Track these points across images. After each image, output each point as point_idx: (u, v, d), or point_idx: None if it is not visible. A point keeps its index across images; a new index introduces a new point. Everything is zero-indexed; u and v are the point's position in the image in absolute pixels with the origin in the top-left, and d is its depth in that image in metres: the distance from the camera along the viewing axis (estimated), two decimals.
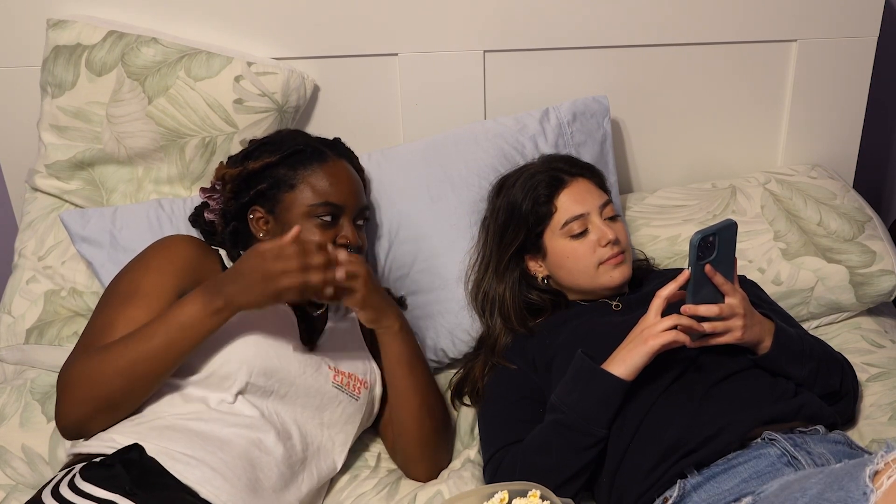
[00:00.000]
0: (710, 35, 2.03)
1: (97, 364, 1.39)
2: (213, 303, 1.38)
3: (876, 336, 1.85)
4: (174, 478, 1.33)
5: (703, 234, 1.37)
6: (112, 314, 1.46)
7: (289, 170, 1.59)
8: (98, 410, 1.40)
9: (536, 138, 1.90)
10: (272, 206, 1.59)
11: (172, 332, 1.38)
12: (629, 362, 1.41)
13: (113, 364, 1.38)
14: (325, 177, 1.59)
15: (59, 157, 1.89)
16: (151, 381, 1.40)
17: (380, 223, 1.82)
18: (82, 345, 1.45)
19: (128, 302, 1.46)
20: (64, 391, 1.41)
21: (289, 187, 1.59)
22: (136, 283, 1.49)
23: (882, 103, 2.33)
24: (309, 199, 1.57)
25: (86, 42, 1.85)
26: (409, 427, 1.58)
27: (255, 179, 1.61)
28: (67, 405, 1.40)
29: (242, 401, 1.45)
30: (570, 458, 1.43)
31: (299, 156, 1.60)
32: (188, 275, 1.50)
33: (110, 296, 1.50)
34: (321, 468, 1.53)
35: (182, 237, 1.58)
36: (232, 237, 1.63)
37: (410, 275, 1.82)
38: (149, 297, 1.46)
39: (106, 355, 1.39)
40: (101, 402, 1.39)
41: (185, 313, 1.38)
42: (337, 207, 1.58)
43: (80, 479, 1.29)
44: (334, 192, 1.58)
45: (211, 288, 1.39)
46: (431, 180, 1.84)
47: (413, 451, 1.60)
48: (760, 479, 1.34)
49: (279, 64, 1.90)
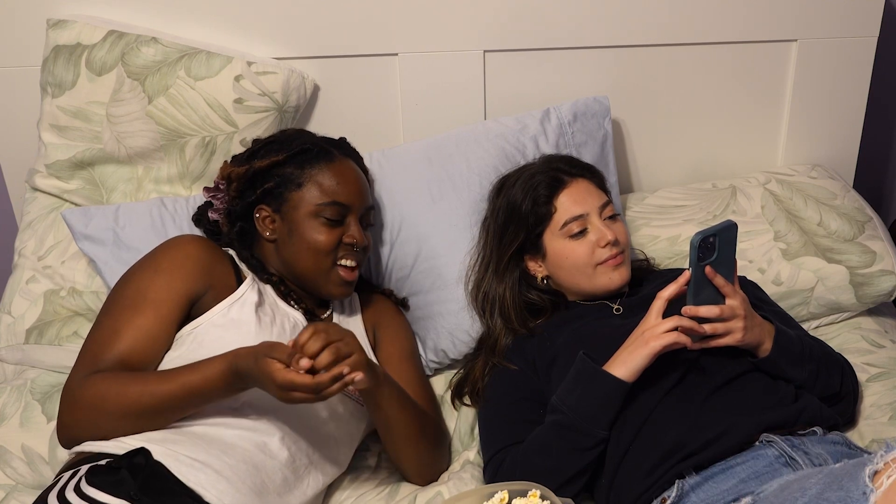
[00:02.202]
0: (710, 35, 2.03)
1: (105, 396, 1.37)
2: (236, 385, 1.36)
3: (876, 336, 1.85)
4: (180, 483, 1.32)
5: (704, 234, 1.37)
6: (118, 321, 1.45)
7: (296, 168, 1.59)
8: (100, 435, 1.39)
9: (537, 138, 1.90)
10: (279, 204, 1.59)
11: (187, 392, 1.36)
12: (630, 364, 1.41)
13: (121, 403, 1.37)
14: (333, 176, 1.59)
15: (59, 157, 1.89)
16: (156, 426, 1.39)
17: (381, 223, 1.82)
18: (90, 354, 1.44)
19: (134, 308, 1.45)
20: (68, 409, 1.40)
21: (296, 186, 1.58)
22: (144, 289, 1.47)
23: (882, 103, 2.33)
24: (316, 198, 1.57)
25: (86, 42, 1.85)
26: (407, 454, 1.57)
27: (261, 178, 1.60)
28: (70, 423, 1.40)
29: (247, 406, 1.44)
30: (570, 459, 1.43)
31: (306, 154, 1.60)
32: (199, 278, 1.49)
33: (117, 300, 1.48)
34: (326, 472, 1.52)
35: (191, 238, 1.57)
36: (239, 237, 1.62)
37: (411, 275, 1.82)
38: (156, 303, 1.45)
39: (115, 389, 1.37)
40: (105, 431, 1.38)
41: (205, 381, 1.36)
42: (344, 207, 1.58)
43: (86, 483, 1.29)
44: (341, 192, 1.58)
45: (237, 370, 1.34)
46: (432, 180, 1.84)
47: (411, 467, 1.59)
48: (759, 479, 1.34)
49: (279, 64, 1.90)
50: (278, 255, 1.61)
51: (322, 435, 1.51)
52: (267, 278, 1.58)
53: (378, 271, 1.84)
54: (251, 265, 1.59)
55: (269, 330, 1.49)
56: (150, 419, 1.38)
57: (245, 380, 1.34)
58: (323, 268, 1.58)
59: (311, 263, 1.58)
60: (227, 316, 1.49)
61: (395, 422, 1.52)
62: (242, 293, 1.52)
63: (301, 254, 1.58)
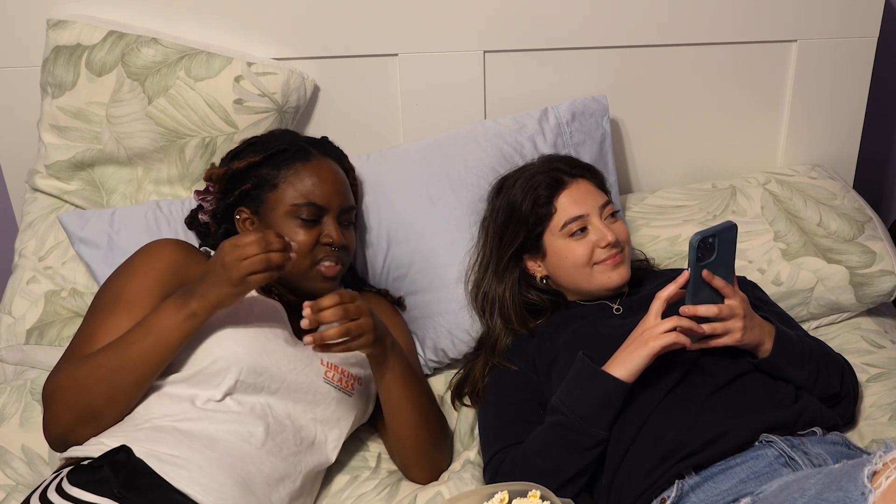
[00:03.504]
0: (710, 35, 2.03)
1: (77, 375, 1.39)
2: (187, 305, 1.38)
3: (876, 336, 1.85)
4: (163, 479, 1.32)
5: (703, 235, 1.37)
6: (94, 323, 1.47)
7: (272, 169, 1.60)
8: (81, 421, 1.40)
9: (535, 138, 1.90)
10: (257, 206, 1.59)
11: (149, 338, 1.38)
12: (630, 364, 1.41)
13: (93, 374, 1.39)
14: (308, 176, 1.59)
15: (59, 158, 1.89)
16: (132, 388, 1.41)
17: (379, 223, 1.82)
18: (66, 356, 1.46)
19: (110, 310, 1.47)
20: (47, 403, 1.42)
21: (271, 187, 1.59)
22: (119, 291, 1.49)
23: (882, 103, 2.33)
24: (291, 198, 1.57)
25: (86, 42, 1.85)
26: (407, 438, 1.57)
27: (239, 179, 1.61)
28: (51, 417, 1.41)
29: (231, 398, 1.45)
30: (570, 460, 1.44)
31: (282, 155, 1.60)
32: (172, 279, 1.50)
33: (95, 304, 1.51)
34: (315, 462, 1.52)
35: (166, 241, 1.58)
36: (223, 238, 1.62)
37: (409, 275, 1.82)
38: (130, 303, 1.47)
39: (86, 365, 1.39)
40: (84, 411, 1.39)
41: (160, 319, 1.39)
42: (319, 207, 1.58)
43: (68, 483, 1.29)
44: (317, 192, 1.58)
45: (184, 292, 1.40)
46: (431, 180, 1.84)
47: (411, 458, 1.59)
48: (758, 479, 1.34)
49: (279, 64, 1.90)
50: None
51: (308, 422, 1.52)
52: None
53: (376, 271, 1.84)
54: None
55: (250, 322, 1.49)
56: (126, 385, 1.39)
57: (194, 294, 1.37)
58: (302, 268, 1.57)
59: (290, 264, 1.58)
60: None
61: (399, 400, 1.53)
62: None
63: None
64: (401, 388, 1.53)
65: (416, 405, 1.56)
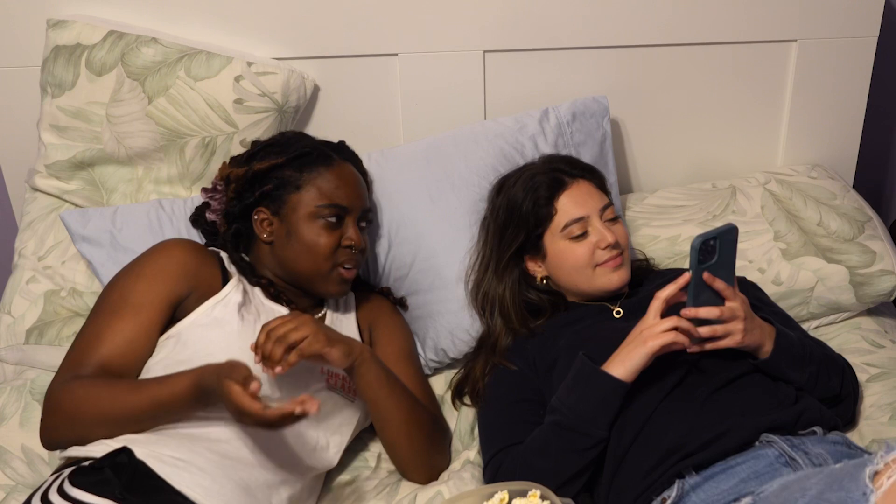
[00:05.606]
0: (710, 35, 2.03)
1: (81, 404, 1.38)
2: (202, 400, 1.36)
3: (876, 336, 1.85)
4: (165, 481, 1.32)
5: (705, 237, 1.36)
6: (100, 325, 1.46)
7: (295, 171, 1.60)
8: (76, 438, 1.39)
9: (536, 138, 1.90)
10: (277, 207, 1.60)
11: (155, 406, 1.37)
12: (628, 364, 1.41)
13: (95, 405, 1.38)
14: (332, 179, 1.60)
15: (59, 157, 1.89)
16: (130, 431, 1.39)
17: (380, 223, 1.82)
18: (72, 358, 1.45)
19: (115, 313, 1.46)
20: (46, 411, 1.42)
21: (295, 188, 1.59)
22: (126, 294, 1.48)
23: (882, 103, 2.33)
24: (315, 200, 1.58)
25: (86, 42, 1.85)
26: (400, 443, 1.58)
27: (260, 180, 1.61)
28: (50, 426, 1.41)
29: None
30: (569, 460, 1.44)
31: (306, 158, 1.62)
32: (183, 281, 1.50)
33: (101, 305, 1.50)
34: (316, 466, 1.52)
35: (177, 241, 1.58)
36: (234, 238, 1.63)
37: (410, 274, 1.82)
38: (137, 307, 1.46)
39: (90, 398, 1.38)
40: (80, 431, 1.39)
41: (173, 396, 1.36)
42: (342, 209, 1.59)
43: (70, 484, 1.29)
44: (340, 194, 1.60)
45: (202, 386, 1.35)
46: (431, 180, 1.84)
47: (408, 461, 1.59)
48: (759, 479, 1.34)
49: (279, 64, 1.90)
50: (274, 256, 1.61)
51: (310, 427, 1.51)
52: (256, 281, 1.59)
53: (377, 271, 1.84)
54: (241, 268, 1.60)
55: (253, 328, 1.49)
56: (124, 427, 1.38)
57: (210, 396, 1.34)
58: (322, 270, 1.58)
59: (309, 265, 1.58)
60: (210, 315, 1.50)
61: (385, 407, 1.53)
62: (226, 294, 1.53)
63: (300, 256, 1.58)
64: (386, 396, 1.53)
65: (405, 410, 1.55)
